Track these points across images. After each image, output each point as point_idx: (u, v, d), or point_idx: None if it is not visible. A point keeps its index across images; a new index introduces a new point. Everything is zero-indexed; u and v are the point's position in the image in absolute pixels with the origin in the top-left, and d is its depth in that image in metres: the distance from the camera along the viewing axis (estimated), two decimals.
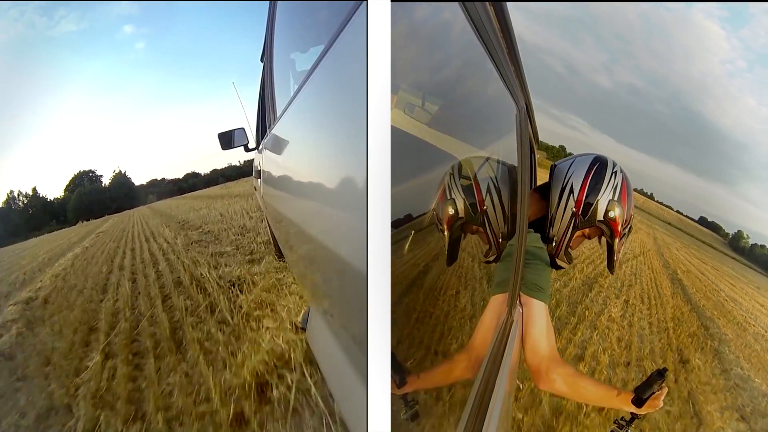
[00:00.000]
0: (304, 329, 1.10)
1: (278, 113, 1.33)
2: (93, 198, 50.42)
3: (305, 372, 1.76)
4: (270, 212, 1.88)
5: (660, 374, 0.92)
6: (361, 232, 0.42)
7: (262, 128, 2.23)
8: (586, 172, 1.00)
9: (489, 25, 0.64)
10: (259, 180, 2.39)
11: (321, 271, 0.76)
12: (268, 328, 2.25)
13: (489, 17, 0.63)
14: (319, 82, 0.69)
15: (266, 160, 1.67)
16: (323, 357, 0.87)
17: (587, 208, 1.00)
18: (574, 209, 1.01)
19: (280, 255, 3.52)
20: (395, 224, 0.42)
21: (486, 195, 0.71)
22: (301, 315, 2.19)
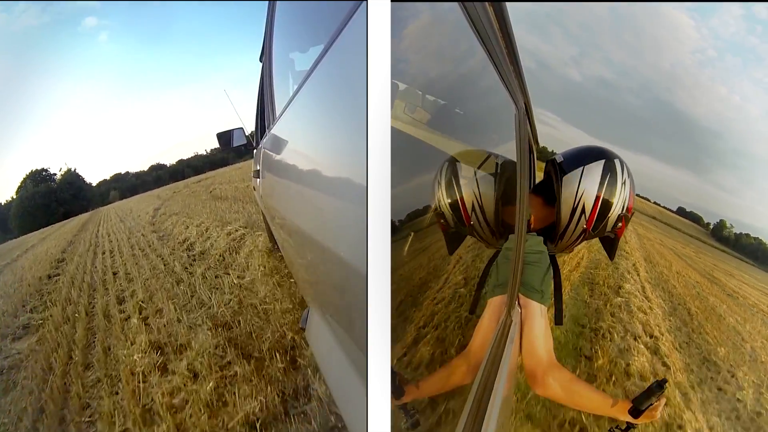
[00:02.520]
0: (303, 329, 1.10)
1: (277, 113, 1.33)
2: (37, 202, 40.44)
3: None
4: (269, 212, 1.87)
5: (659, 385, 0.90)
6: (361, 232, 0.42)
7: (261, 128, 2.23)
8: (598, 188, 1.01)
9: (488, 26, 0.64)
10: (258, 180, 2.39)
11: (320, 271, 0.76)
12: None
13: (488, 17, 0.63)
14: (318, 82, 0.69)
15: (265, 160, 1.67)
16: (323, 357, 0.87)
17: (597, 225, 1.03)
18: (585, 226, 1.03)
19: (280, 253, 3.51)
20: (396, 226, 0.42)
21: (471, 213, 0.73)
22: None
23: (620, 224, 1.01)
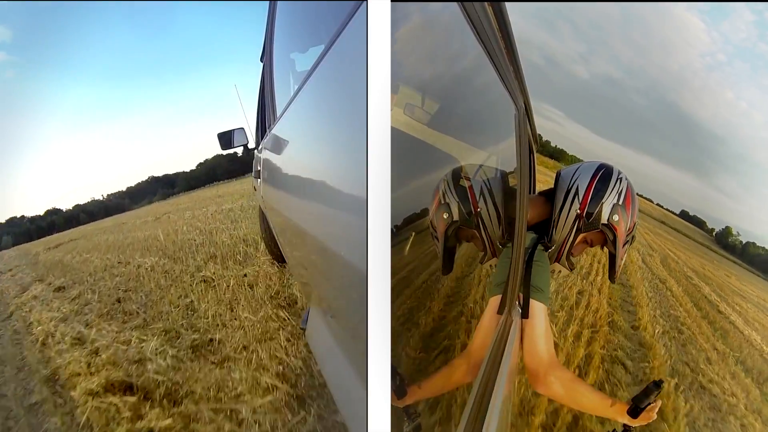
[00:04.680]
0: (304, 329, 1.10)
1: (278, 113, 1.33)
2: None
3: None
4: (269, 213, 1.88)
5: (656, 385, 0.91)
6: (361, 232, 0.42)
7: (262, 128, 2.23)
8: (592, 176, 1.03)
9: (488, 26, 0.64)
10: (258, 180, 2.39)
11: (321, 271, 0.76)
12: None
13: (488, 18, 0.63)
14: (319, 82, 0.69)
15: (266, 161, 1.67)
16: (323, 357, 0.87)
17: (592, 210, 1.01)
18: (578, 211, 1.02)
19: (275, 258, 3.45)
20: (397, 227, 0.42)
21: (479, 197, 0.72)
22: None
23: (617, 219, 1.00)
